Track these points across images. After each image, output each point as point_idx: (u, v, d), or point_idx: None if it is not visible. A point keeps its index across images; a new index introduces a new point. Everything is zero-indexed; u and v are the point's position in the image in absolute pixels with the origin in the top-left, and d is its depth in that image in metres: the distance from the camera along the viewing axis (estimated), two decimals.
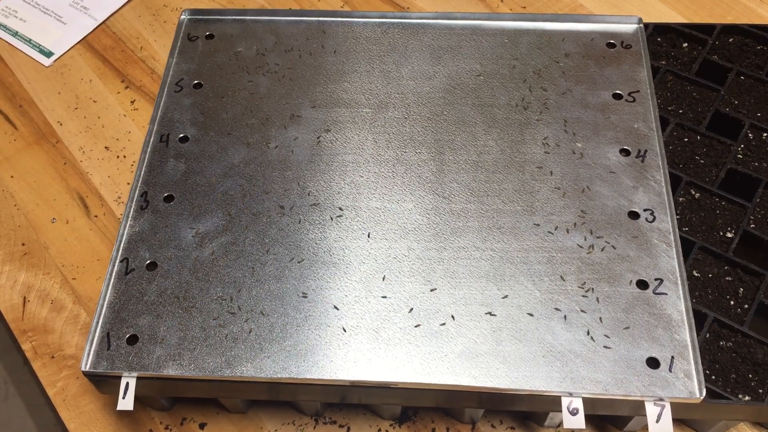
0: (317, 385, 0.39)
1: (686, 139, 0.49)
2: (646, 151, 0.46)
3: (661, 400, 0.37)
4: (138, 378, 0.39)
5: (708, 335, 0.42)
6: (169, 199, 0.45)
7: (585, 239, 0.43)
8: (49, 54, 0.64)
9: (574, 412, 0.38)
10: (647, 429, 0.38)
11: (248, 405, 0.46)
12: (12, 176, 0.57)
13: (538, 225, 0.43)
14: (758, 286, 0.43)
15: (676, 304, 0.40)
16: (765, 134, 0.49)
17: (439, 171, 0.46)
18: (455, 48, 0.52)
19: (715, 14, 0.63)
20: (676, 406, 0.38)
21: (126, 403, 0.39)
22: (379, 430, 0.45)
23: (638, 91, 0.49)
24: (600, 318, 0.40)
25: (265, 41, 0.53)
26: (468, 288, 0.41)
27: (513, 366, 0.38)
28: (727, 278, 0.44)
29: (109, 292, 0.42)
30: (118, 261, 0.43)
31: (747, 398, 0.39)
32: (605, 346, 0.39)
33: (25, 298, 0.51)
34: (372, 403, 0.45)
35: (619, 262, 0.42)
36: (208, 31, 0.54)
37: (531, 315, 0.40)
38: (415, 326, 0.40)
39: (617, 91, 0.49)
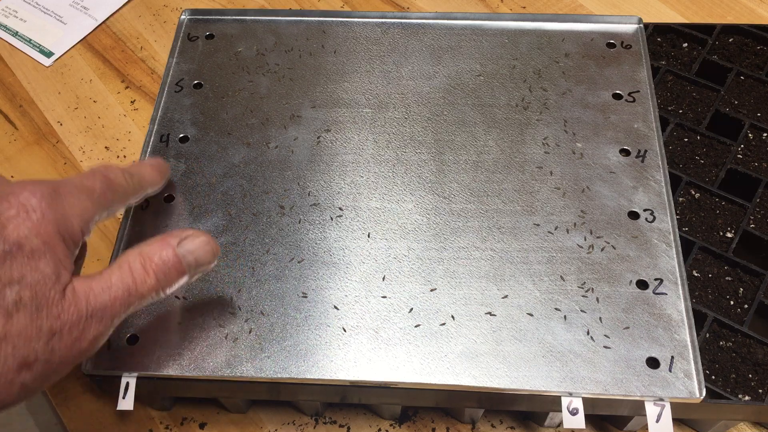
0: (317, 385, 0.39)
1: (686, 139, 0.49)
2: (646, 151, 0.46)
3: (661, 400, 0.38)
4: (138, 378, 0.39)
5: (708, 335, 0.42)
6: (169, 199, 0.45)
7: (585, 239, 0.43)
8: (49, 54, 0.64)
9: (574, 412, 0.38)
10: (647, 429, 0.38)
11: (248, 405, 0.46)
12: (12, 176, 0.57)
13: (538, 225, 0.43)
14: (758, 286, 0.43)
15: (676, 304, 0.40)
16: (765, 134, 0.49)
17: (439, 171, 0.46)
18: (455, 48, 0.52)
19: (715, 14, 0.63)
20: (676, 406, 0.38)
21: (126, 403, 0.39)
22: (379, 430, 0.45)
23: (638, 91, 0.49)
24: (600, 318, 0.40)
25: (265, 41, 0.53)
26: (468, 288, 0.41)
27: (513, 366, 0.38)
28: (727, 278, 0.44)
29: None
30: None
31: (747, 398, 0.40)
32: (605, 346, 0.39)
33: None
34: (372, 403, 0.45)
35: (619, 262, 0.42)
36: (208, 31, 0.54)
37: (531, 315, 0.40)
38: (415, 326, 0.40)
39: (617, 91, 0.49)
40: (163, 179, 0.42)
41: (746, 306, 0.43)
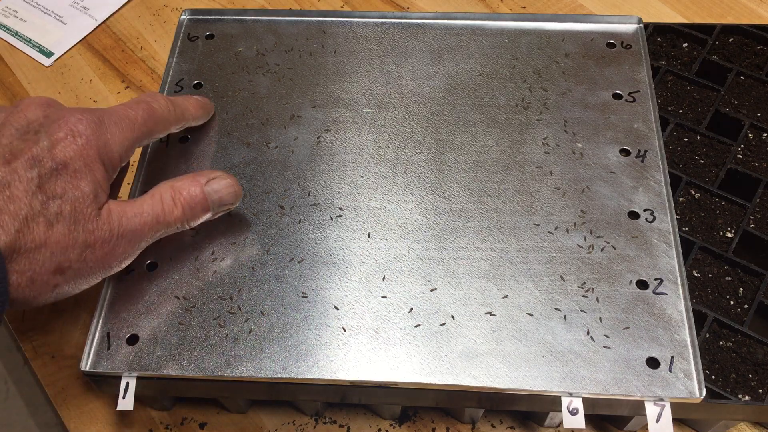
0: (317, 385, 0.39)
1: (686, 139, 0.49)
2: (646, 151, 0.46)
3: (661, 400, 0.38)
4: (138, 378, 0.39)
5: (708, 335, 0.42)
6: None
7: (585, 239, 0.43)
8: (49, 54, 0.64)
9: (574, 412, 0.38)
10: (647, 429, 0.38)
11: (248, 405, 0.46)
12: None
13: (538, 225, 0.43)
14: (758, 286, 0.43)
15: (676, 304, 0.40)
16: (765, 134, 0.49)
17: (439, 171, 0.46)
18: (455, 48, 0.52)
19: (715, 14, 0.63)
20: (676, 406, 0.38)
21: (126, 403, 0.39)
22: (379, 430, 0.45)
23: (638, 91, 0.49)
24: (600, 318, 0.40)
25: (265, 41, 0.53)
26: (468, 288, 0.41)
27: (513, 366, 0.38)
28: (727, 278, 0.44)
29: (109, 292, 0.42)
30: None
31: (747, 398, 0.40)
32: (605, 346, 0.39)
33: None
34: (372, 403, 0.45)
35: (619, 262, 0.42)
36: (208, 31, 0.54)
37: (531, 315, 0.40)
38: (415, 326, 0.40)
39: (617, 91, 0.49)
40: (206, 113, 0.47)
41: (746, 306, 0.43)
